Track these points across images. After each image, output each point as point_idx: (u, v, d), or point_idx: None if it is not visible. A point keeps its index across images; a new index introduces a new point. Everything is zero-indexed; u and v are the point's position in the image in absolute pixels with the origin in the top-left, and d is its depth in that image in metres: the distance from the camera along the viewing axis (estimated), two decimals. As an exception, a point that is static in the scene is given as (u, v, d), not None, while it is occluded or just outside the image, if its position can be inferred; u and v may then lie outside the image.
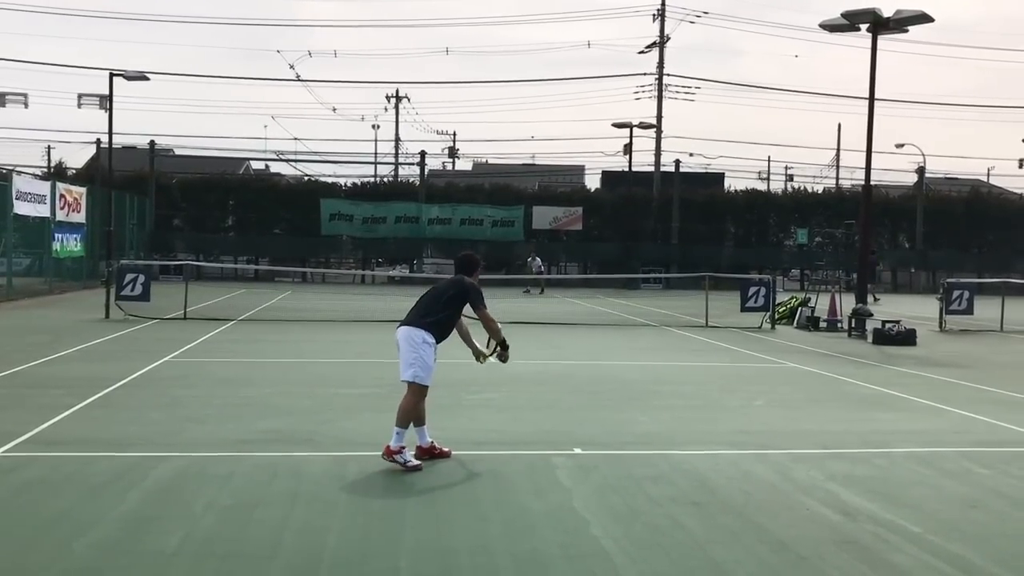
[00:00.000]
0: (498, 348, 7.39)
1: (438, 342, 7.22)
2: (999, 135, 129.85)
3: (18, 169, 27.93)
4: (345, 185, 45.21)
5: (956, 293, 21.74)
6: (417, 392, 7.07)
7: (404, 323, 7.27)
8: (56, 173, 40.49)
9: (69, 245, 28.34)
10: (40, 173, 39.11)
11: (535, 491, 6.39)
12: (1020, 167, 49.88)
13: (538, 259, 35.95)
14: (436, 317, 7.21)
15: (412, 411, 7.07)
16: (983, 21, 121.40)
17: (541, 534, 5.47)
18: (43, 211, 26.20)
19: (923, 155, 55.55)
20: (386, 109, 61.60)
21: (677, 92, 47.52)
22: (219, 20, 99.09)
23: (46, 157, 54.40)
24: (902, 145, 50.52)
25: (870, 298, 32.02)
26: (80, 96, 42.52)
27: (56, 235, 27.11)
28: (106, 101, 34.56)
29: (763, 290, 20.99)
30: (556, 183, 52.96)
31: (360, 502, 6.06)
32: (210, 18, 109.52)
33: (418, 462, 6.93)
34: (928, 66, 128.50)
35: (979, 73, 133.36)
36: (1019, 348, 18.09)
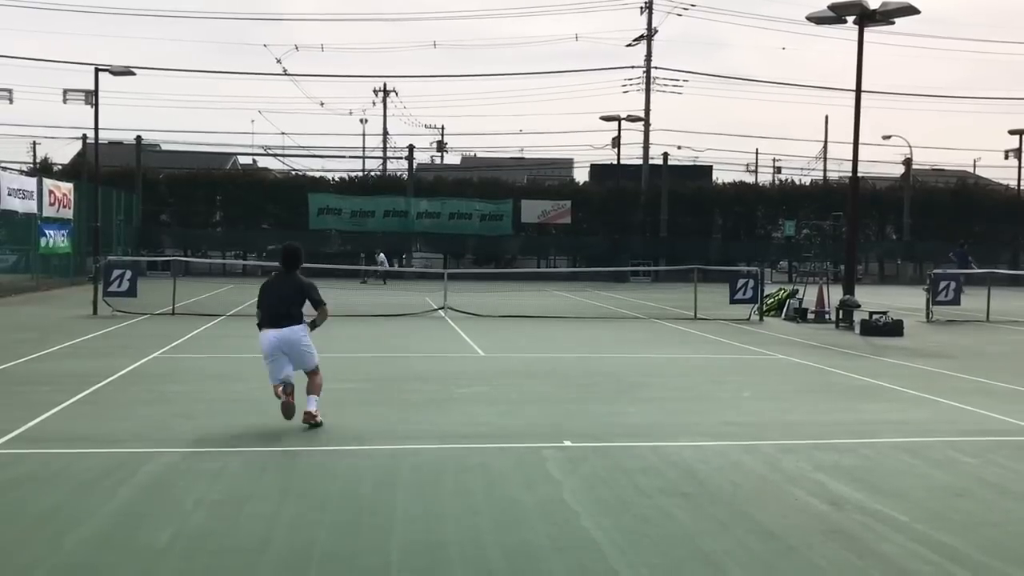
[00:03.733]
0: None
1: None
2: (985, 127, 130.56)
3: (3, 165, 27.76)
4: (333, 179, 45.12)
5: (943, 284, 21.86)
6: (319, 369, 8.54)
7: (277, 325, 8.32)
8: (42, 169, 40.23)
9: (56, 241, 28.20)
10: (26, 169, 38.86)
11: (525, 483, 6.41)
12: (1006, 158, 50.00)
13: (382, 254, 36.67)
14: (299, 310, 8.53)
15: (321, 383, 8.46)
16: (967, 13, 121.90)
17: (531, 526, 5.49)
18: (30, 207, 26.08)
19: (910, 147, 55.93)
20: (374, 103, 61.50)
21: (665, 85, 47.62)
22: (205, 15, 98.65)
23: (31, 153, 54.02)
24: (889, 137, 51.01)
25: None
26: (66, 91, 42.13)
27: (44, 231, 26.99)
28: (92, 96, 34.29)
29: (751, 282, 21.07)
30: (545, 177, 52.99)
31: (350, 496, 6.07)
32: (196, 13, 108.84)
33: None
34: (913, 58, 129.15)
35: (964, 65, 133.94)
36: (1005, 338, 18.21)
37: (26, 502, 5.83)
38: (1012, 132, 46.35)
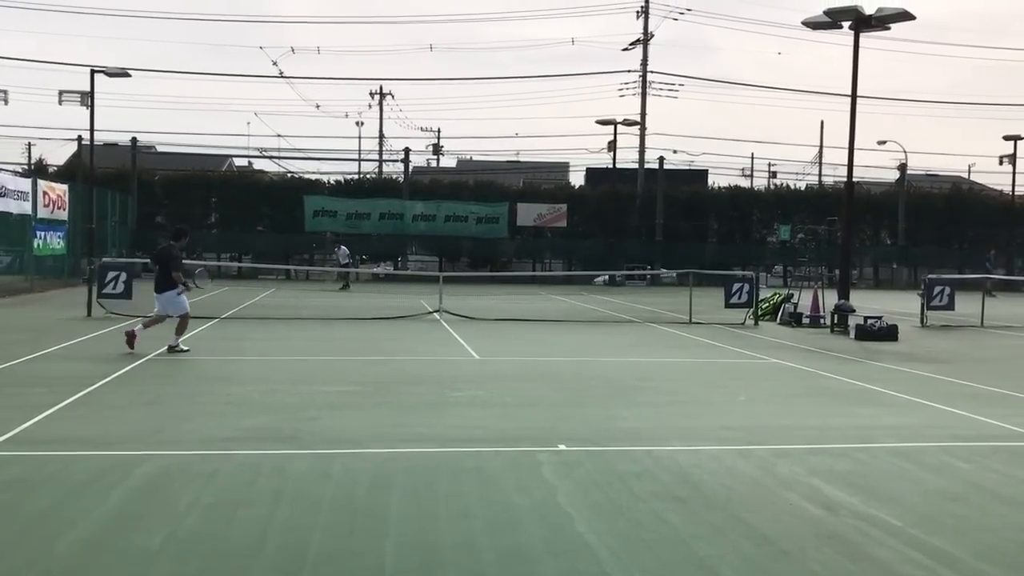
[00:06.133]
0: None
1: (170, 289, 13.55)
2: (980, 132, 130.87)
3: (-1, 166, 27.73)
4: (329, 182, 45.08)
5: (937, 289, 21.91)
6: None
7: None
8: (37, 170, 40.17)
9: (51, 243, 28.15)
10: (20, 170, 38.80)
11: (519, 487, 6.41)
12: (1000, 164, 50.15)
13: (344, 248, 33.23)
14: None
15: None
16: (961, 19, 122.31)
17: (525, 530, 5.49)
18: (25, 208, 26.03)
19: (905, 152, 55.77)
20: (370, 106, 61.80)
21: (661, 89, 47.64)
22: (201, 16, 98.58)
23: (26, 154, 53.95)
24: (884, 142, 50.82)
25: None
26: (61, 93, 42.13)
27: (37, 232, 26.92)
28: (87, 98, 34.18)
29: (746, 286, 21.08)
30: (540, 180, 52.93)
31: (344, 499, 6.06)
32: (192, 14, 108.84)
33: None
34: (905, 63, 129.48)
35: (958, 70, 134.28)
36: (999, 343, 18.25)
37: (18, 504, 5.81)
38: (1006, 138, 46.49)
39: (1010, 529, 5.76)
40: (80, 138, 38.64)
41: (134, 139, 41.64)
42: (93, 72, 32.71)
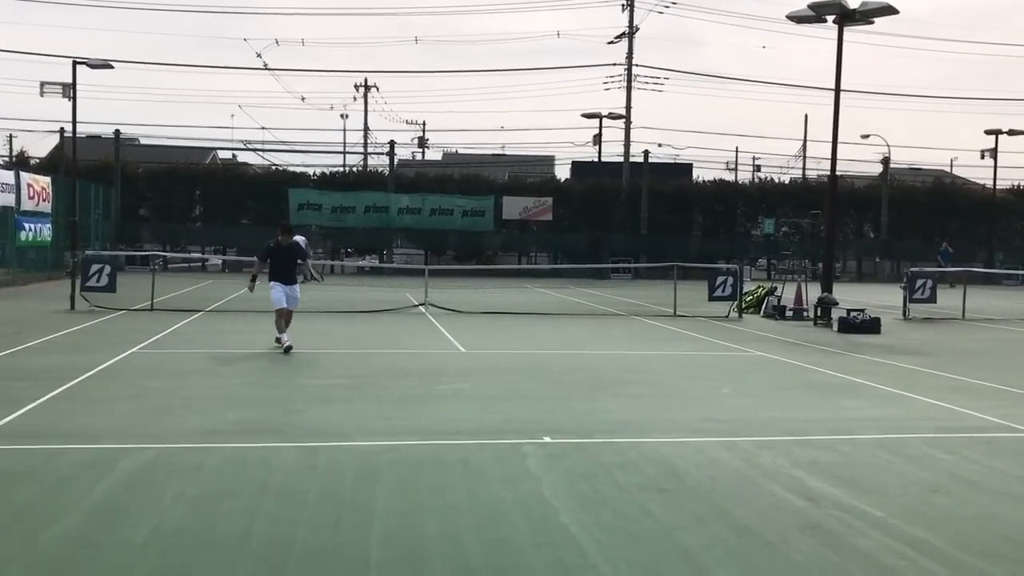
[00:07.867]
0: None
1: (272, 280, 14.09)
2: (962, 126, 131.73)
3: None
4: (314, 175, 44.92)
5: (919, 282, 22.06)
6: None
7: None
8: (19, 162, 39.84)
9: (34, 236, 27.93)
10: (2, 162, 38.47)
11: (505, 479, 6.43)
12: (982, 158, 50.43)
13: (302, 238, 29.76)
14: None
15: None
16: (944, 14, 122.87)
17: (511, 522, 5.51)
18: (8, 200, 25.82)
19: (888, 146, 56.18)
20: (355, 98, 61.33)
21: (646, 83, 47.68)
22: (185, 8, 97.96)
23: (8, 146, 53.52)
24: (868, 136, 51.14)
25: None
26: (43, 84, 41.66)
27: (25, 224, 26.72)
28: (69, 89, 33.92)
29: (730, 279, 21.17)
30: (526, 173, 52.96)
31: (330, 492, 6.06)
32: (175, 6, 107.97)
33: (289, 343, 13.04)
34: (892, 58, 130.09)
35: (941, 65, 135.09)
36: (981, 336, 18.40)
37: (2, 498, 5.79)
38: (988, 132, 46.75)
39: (989, 519, 5.83)
40: (62, 130, 38.34)
41: (117, 131, 41.34)
42: (75, 63, 32.44)
